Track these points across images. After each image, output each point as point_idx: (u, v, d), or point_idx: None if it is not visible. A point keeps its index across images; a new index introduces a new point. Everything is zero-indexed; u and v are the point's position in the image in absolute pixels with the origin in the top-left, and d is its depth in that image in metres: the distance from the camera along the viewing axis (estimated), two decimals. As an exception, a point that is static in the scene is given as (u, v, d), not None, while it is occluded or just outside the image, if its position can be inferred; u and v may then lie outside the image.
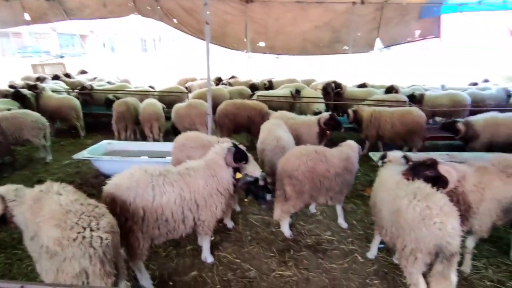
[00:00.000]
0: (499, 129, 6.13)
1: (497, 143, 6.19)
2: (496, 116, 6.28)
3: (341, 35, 12.39)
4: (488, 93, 9.26)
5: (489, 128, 6.14)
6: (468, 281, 3.37)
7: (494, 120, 6.21)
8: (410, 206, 2.72)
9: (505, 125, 6.14)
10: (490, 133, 6.15)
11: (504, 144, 6.13)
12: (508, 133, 6.10)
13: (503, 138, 6.16)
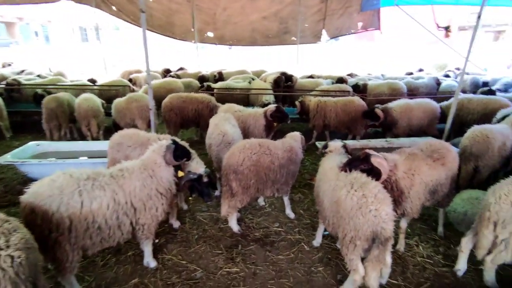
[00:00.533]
0: (413, 113, 6.59)
1: (413, 127, 6.70)
2: (409, 102, 6.76)
3: (289, 26, 12.54)
4: (421, 81, 10.09)
5: (405, 113, 6.56)
6: (402, 258, 3.62)
7: (408, 105, 6.65)
8: (348, 196, 2.81)
9: (417, 109, 6.63)
10: (407, 118, 6.58)
11: (417, 127, 6.71)
12: (420, 117, 6.64)
13: (417, 122, 6.66)
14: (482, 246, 3.08)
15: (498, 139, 4.50)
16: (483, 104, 6.73)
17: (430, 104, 6.79)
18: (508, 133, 4.65)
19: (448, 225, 4.15)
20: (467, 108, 6.88)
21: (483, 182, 4.58)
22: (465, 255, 3.31)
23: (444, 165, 3.53)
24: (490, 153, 4.45)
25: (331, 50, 37.57)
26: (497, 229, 2.97)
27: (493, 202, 2.98)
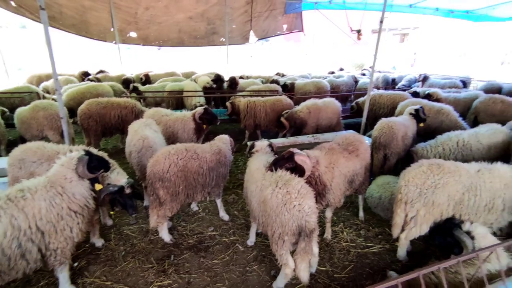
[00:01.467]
0: (321, 113, 6.78)
1: (321, 126, 6.89)
2: (316, 102, 6.85)
3: (217, 26, 12.50)
4: (341, 80, 11.01)
5: (313, 113, 6.70)
6: (329, 245, 3.88)
7: (316, 106, 6.78)
8: (273, 195, 2.89)
9: (324, 109, 6.81)
10: (316, 118, 6.75)
11: (325, 126, 6.93)
12: (328, 117, 6.88)
13: (325, 121, 6.88)
14: (396, 225, 3.48)
15: (401, 129, 5.13)
16: (391, 98, 7.63)
17: (334, 102, 7.06)
18: (409, 124, 5.34)
19: (367, 209, 4.58)
20: (378, 103, 7.73)
21: (392, 168, 5.17)
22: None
23: (358, 156, 3.88)
24: (395, 142, 5.05)
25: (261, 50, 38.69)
26: (407, 207, 3.40)
27: (403, 185, 3.40)
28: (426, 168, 3.39)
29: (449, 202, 3.30)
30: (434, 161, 3.48)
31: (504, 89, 9.37)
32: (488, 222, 3.38)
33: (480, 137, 4.61)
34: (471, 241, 2.72)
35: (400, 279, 1.68)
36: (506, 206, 3.29)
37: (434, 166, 3.39)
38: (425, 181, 3.31)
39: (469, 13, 17.17)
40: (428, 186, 3.28)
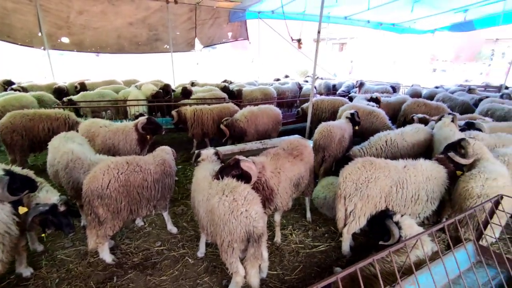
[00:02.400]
0: (258, 120, 6.76)
1: (260, 132, 6.85)
2: (252, 110, 6.83)
3: (160, 33, 12.14)
4: (286, 86, 11.43)
5: (251, 121, 6.66)
6: (279, 249, 3.96)
7: (252, 113, 6.75)
8: (220, 203, 2.86)
9: (261, 116, 6.83)
10: (254, 124, 6.71)
11: (263, 132, 6.91)
12: (264, 123, 6.89)
13: (263, 127, 6.86)
14: (340, 219, 3.70)
15: (338, 132, 5.48)
16: (332, 103, 8.13)
17: (272, 109, 7.17)
18: (345, 127, 5.74)
19: (314, 210, 4.78)
20: (321, 108, 8.17)
21: (328, 169, 5.46)
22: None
23: (303, 160, 4.04)
24: (333, 145, 5.38)
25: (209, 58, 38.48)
26: (346, 202, 3.63)
27: (342, 181, 3.64)
28: (361, 165, 3.67)
29: (381, 195, 3.60)
30: (367, 159, 3.78)
31: (424, 94, 10.59)
32: (416, 212, 3.76)
33: (405, 135, 5.14)
34: (398, 231, 3.00)
35: (339, 275, 1.77)
36: (429, 197, 3.69)
37: (367, 163, 3.69)
38: (360, 177, 3.58)
39: (395, 25, 19.16)
40: (363, 181, 3.55)
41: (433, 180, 3.67)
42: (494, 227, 3.33)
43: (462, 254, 2.93)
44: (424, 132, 5.25)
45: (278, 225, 4.06)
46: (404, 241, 2.24)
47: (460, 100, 9.27)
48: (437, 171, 3.73)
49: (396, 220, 3.23)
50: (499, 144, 5.13)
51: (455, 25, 18.17)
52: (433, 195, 3.69)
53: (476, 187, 3.29)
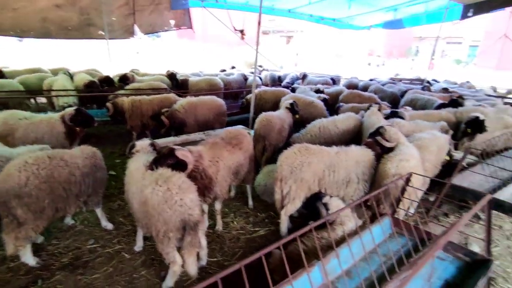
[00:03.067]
0: (197, 111, 6.61)
1: (200, 123, 6.69)
2: (191, 100, 6.66)
3: (93, 18, 11.18)
4: (232, 77, 11.42)
5: (190, 111, 6.51)
6: (220, 236, 4.02)
7: (191, 104, 6.57)
8: (154, 193, 2.80)
9: (201, 106, 6.68)
10: (193, 115, 6.56)
11: (204, 123, 6.76)
12: (204, 113, 6.73)
13: (202, 117, 6.72)
14: (277, 201, 3.91)
15: (278, 122, 5.68)
16: (275, 94, 8.35)
17: (214, 100, 7.04)
18: (285, 117, 5.97)
19: (256, 197, 4.92)
20: (264, 99, 8.35)
21: (269, 157, 5.66)
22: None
23: (242, 149, 4.12)
24: (273, 134, 5.57)
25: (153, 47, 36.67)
26: (282, 185, 3.81)
27: (279, 164, 3.83)
28: (297, 150, 3.89)
29: (314, 178, 3.85)
30: (303, 145, 4.00)
31: (360, 86, 11.43)
32: (349, 194, 4.04)
33: (337, 123, 5.54)
34: (325, 211, 3.26)
35: (262, 252, 1.88)
36: (360, 179, 4.00)
37: (302, 148, 3.91)
38: (295, 161, 3.79)
39: (336, 21, 20.18)
40: (297, 165, 3.76)
41: (362, 163, 3.98)
42: (407, 202, 3.79)
43: (382, 226, 3.29)
44: (354, 120, 5.70)
45: (219, 214, 4.11)
46: (325, 218, 2.43)
47: (389, 91, 10.21)
48: (365, 155, 4.03)
49: (324, 201, 3.50)
50: (417, 130, 5.79)
51: (387, 22, 19.75)
52: (363, 177, 3.98)
53: (392, 167, 3.68)
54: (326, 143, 5.48)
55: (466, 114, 6.40)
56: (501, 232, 4.35)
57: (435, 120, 6.22)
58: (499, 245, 4.08)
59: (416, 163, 3.82)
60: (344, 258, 2.87)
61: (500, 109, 7.35)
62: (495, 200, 4.04)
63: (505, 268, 3.65)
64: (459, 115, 6.52)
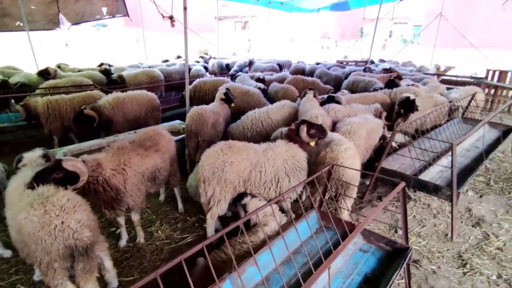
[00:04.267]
0: (125, 107, 6.01)
1: (130, 121, 6.15)
2: (118, 96, 6.03)
3: (8, 7, 9.85)
4: (173, 68, 10.74)
5: (118, 108, 5.91)
6: (141, 250, 3.65)
7: (118, 99, 5.95)
8: (28, 219, 2.34)
9: (129, 102, 6.08)
10: (122, 112, 5.96)
11: (135, 121, 6.20)
12: (134, 109, 6.17)
13: (133, 114, 6.16)
14: (203, 204, 3.60)
15: (211, 116, 5.32)
16: (214, 84, 7.91)
17: (144, 95, 6.39)
18: (219, 110, 5.61)
19: (189, 199, 4.57)
20: (203, 90, 7.89)
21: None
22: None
23: (158, 150, 3.72)
24: (206, 129, 5.21)
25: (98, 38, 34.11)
26: (205, 186, 3.49)
27: (200, 165, 3.51)
28: (219, 148, 3.57)
29: (239, 179, 3.57)
30: (228, 142, 3.69)
31: (307, 70, 11.35)
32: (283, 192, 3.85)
33: (270, 112, 5.30)
34: (243, 213, 3.02)
35: (182, 256, 1.55)
36: (290, 176, 3.76)
37: (225, 147, 3.60)
38: (216, 160, 3.48)
39: (284, 4, 19.93)
40: (219, 165, 3.45)
41: (291, 159, 3.72)
42: (336, 194, 3.68)
43: (309, 221, 3.12)
44: (289, 108, 5.50)
45: (137, 225, 3.72)
46: (238, 222, 2.17)
47: (334, 74, 10.23)
48: (292, 150, 3.77)
49: (243, 202, 3.26)
50: (352, 114, 5.75)
51: (334, 5, 19.93)
52: (295, 174, 3.74)
53: (328, 157, 3.56)
54: (259, 136, 5.31)
55: (400, 95, 6.50)
56: (428, 211, 4.45)
57: (370, 102, 6.23)
58: (427, 224, 4.16)
59: (352, 153, 3.71)
60: (265, 263, 2.67)
61: (432, 87, 7.62)
62: (419, 181, 4.08)
63: (430, 248, 3.70)
64: (393, 96, 6.61)
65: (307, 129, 3.69)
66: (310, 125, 3.73)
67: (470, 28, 26.69)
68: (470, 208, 4.47)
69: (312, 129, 3.71)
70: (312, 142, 3.75)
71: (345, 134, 4.46)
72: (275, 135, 4.55)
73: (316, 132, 3.73)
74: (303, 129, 3.68)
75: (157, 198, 4.70)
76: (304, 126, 3.68)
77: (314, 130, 3.72)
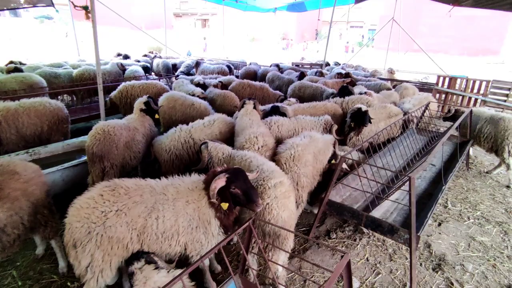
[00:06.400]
0: (19, 119, 4.76)
1: (27, 136, 4.94)
2: (9, 106, 4.75)
3: None
4: (102, 68, 9.23)
5: (9, 122, 4.68)
6: None
7: (8, 110, 4.69)
8: None
9: (25, 113, 4.80)
10: (14, 126, 4.74)
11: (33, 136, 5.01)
12: (32, 123, 4.89)
13: (31, 129, 4.91)
14: (80, 277, 2.45)
15: (123, 134, 4.17)
16: (145, 89, 6.73)
17: (45, 104, 5.07)
18: (138, 124, 4.45)
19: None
20: (132, 95, 6.65)
21: None
22: None
23: (4, 198, 2.51)
24: (115, 151, 4.04)
25: (34, 31, 30.78)
26: (78, 254, 2.38)
27: (67, 224, 2.41)
28: (97, 194, 2.48)
29: (131, 233, 2.50)
30: (111, 183, 2.60)
31: (258, 73, 10.47)
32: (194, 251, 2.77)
33: (193, 132, 4.14)
34: (128, 285, 2.00)
35: None
36: (200, 226, 2.65)
37: (107, 190, 2.52)
38: (93, 213, 2.38)
39: (239, 2, 18.98)
40: (97, 218, 2.37)
41: (192, 205, 2.62)
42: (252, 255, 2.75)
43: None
44: (222, 124, 4.47)
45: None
46: None
47: (286, 78, 9.44)
48: (198, 199, 2.64)
49: (130, 270, 2.23)
50: (298, 128, 4.92)
51: (291, 5, 19.39)
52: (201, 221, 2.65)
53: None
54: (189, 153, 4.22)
55: (352, 105, 5.82)
56: (383, 250, 3.71)
57: (320, 113, 5.47)
58: (382, 270, 3.40)
59: (285, 190, 2.77)
60: None
61: (385, 95, 7.10)
62: (372, 219, 3.31)
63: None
64: (345, 106, 5.91)
65: (226, 183, 2.48)
66: (232, 179, 2.47)
67: (418, 34, 27.93)
68: (429, 243, 3.82)
69: (233, 187, 2.49)
70: (224, 205, 2.55)
71: (288, 162, 3.58)
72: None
73: (239, 195, 2.50)
74: (217, 183, 2.48)
75: (33, 251, 3.43)
76: (222, 177, 2.48)
77: (236, 191, 2.49)
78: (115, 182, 2.60)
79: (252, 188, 2.51)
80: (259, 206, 2.45)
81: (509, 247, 3.84)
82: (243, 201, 2.51)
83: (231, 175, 2.48)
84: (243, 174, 2.52)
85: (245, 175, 2.53)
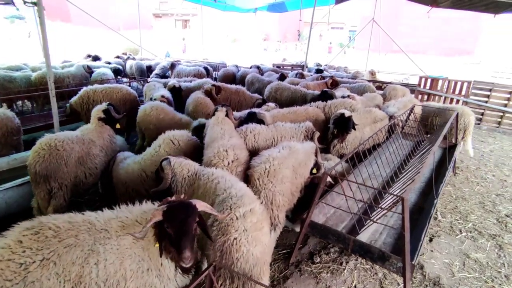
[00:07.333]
0: None
1: None
2: None
3: None
4: (66, 71, 8.49)
5: None
6: None
7: None
8: None
9: None
10: None
11: None
12: None
13: None
14: None
15: (75, 149, 3.59)
16: (108, 94, 6.11)
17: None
18: (95, 136, 3.90)
19: None
20: (94, 101, 6.00)
21: (59, 207, 3.55)
22: None
23: None
24: (64, 168, 3.46)
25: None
26: None
27: None
28: (14, 241, 1.95)
29: (63, 286, 1.97)
30: (33, 223, 2.05)
31: (237, 75, 9.99)
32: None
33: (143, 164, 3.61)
34: None
35: None
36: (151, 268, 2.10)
37: (28, 234, 1.97)
38: (7, 267, 1.83)
39: (217, 2, 18.44)
40: (13, 273, 1.83)
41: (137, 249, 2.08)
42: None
43: None
44: (167, 147, 3.77)
45: None
46: None
47: (267, 80, 9.00)
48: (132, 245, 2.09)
49: None
50: (277, 137, 4.48)
51: (271, 5, 19.03)
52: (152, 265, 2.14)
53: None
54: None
55: (335, 109, 5.44)
56: (373, 275, 3.30)
57: (301, 119, 5.05)
58: (371, 300, 2.99)
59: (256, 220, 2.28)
60: None
61: (369, 98, 6.78)
62: (360, 244, 2.89)
63: None
64: (327, 111, 5.52)
65: (163, 218, 1.95)
66: (169, 214, 1.95)
67: (398, 34, 28.24)
68: (422, 264, 3.45)
69: (166, 225, 1.96)
70: (156, 244, 2.07)
71: (262, 178, 3.12)
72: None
73: (172, 238, 1.96)
74: (154, 214, 1.96)
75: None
76: (160, 210, 1.97)
77: (169, 231, 1.95)
78: (40, 221, 2.05)
79: (185, 234, 1.92)
80: (184, 262, 1.92)
81: (506, 265, 3.54)
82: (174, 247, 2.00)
83: (169, 210, 1.96)
84: (187, 212, 1.96)
85: (190, 213, 1.97)
